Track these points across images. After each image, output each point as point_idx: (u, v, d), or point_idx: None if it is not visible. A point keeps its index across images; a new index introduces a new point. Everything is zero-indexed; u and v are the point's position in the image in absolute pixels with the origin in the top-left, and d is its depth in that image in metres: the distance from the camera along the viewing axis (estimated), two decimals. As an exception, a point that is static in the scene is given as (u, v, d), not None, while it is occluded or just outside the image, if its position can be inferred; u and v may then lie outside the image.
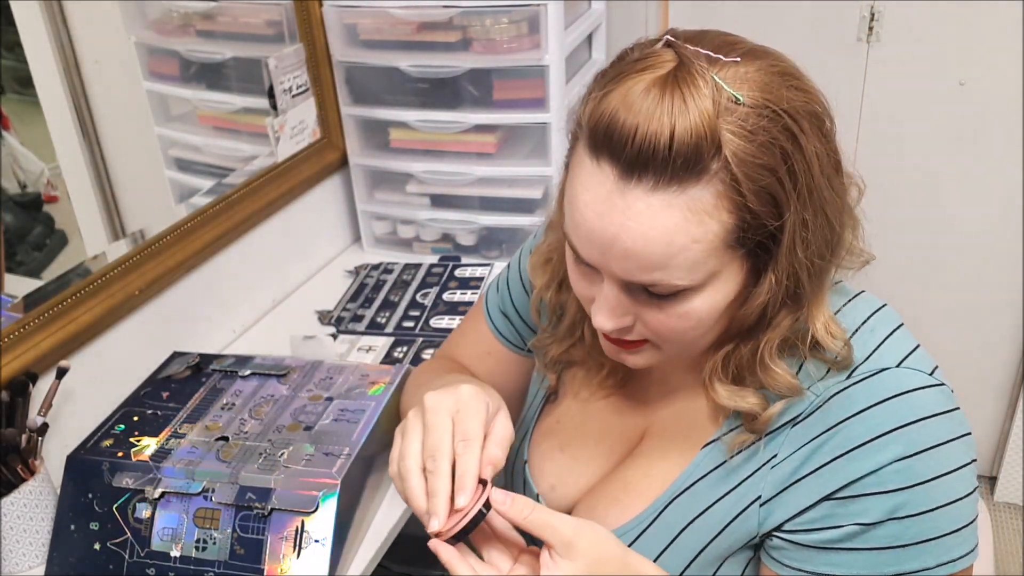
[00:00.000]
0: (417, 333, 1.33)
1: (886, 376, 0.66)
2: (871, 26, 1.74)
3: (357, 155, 1.55)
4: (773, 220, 0.60)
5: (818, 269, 0.65)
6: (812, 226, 0.62)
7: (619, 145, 0.58)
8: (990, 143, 1.76)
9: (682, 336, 0.66)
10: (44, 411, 0.95)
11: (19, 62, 0.97)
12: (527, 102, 1.41)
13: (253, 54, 1.36)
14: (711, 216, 0.59)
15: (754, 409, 0.68)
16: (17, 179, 0.99)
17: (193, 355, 1.08)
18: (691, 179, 0.58)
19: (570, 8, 1.46)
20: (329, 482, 0.84)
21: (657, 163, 0.57)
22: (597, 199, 0.61)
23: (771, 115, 0.59)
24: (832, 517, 0.65)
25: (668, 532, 0.73)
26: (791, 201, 0.60)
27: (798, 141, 0.60)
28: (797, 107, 0.60)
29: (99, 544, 0.88)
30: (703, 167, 0.58)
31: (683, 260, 0.60)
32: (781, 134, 0.59)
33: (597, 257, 0.63)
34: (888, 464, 0.63)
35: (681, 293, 0.63)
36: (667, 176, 0.58)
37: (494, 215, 1.51)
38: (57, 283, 1.04)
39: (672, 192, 0.58)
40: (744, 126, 0.58)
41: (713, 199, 0.59)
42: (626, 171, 0.59)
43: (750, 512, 0.69)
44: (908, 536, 0.64)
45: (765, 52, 0.63)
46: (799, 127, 0.60)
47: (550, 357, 0.85)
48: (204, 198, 1.28)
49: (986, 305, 1.90)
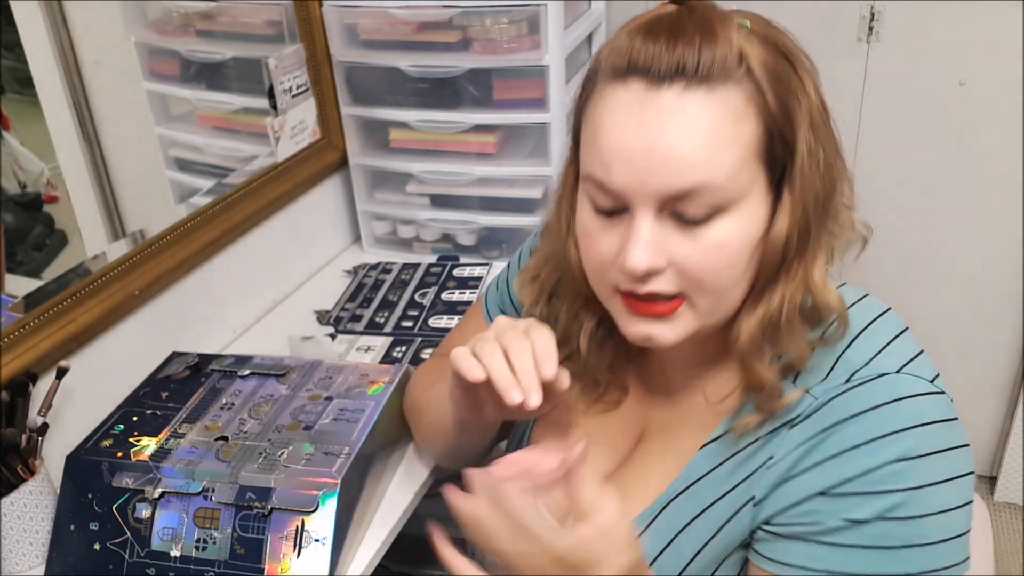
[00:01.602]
0: (416, 333, 1.33)
1: (886, 381, 0.65)
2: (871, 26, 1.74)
3: (357, 155, 1.55)
4: (789, 132, 0.64)
5: (826, 208, 0.66)
6: (819, 156, 0.65)
7: (648, 59, 0.62)
8: (990, 143, 1.75)
9: (718, 277, 0.64)
10: (44, 411, 0.95)
11: (19, 62, 0.97)
12: (527, 102, 1.41)
13: (253, 54, 1.36)
14: (743, 119, 0.62)
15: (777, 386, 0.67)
16: (17, 179, 0.99)
17: (192, 355, 1.08)
18: (719, 81, 0.61)
19: (570, 8, 1.46)
20: (329, 481, 0.84)
21: (687, 69, 0.61)
22: (629, 113, 0.63)
23: (775, 44, 0.65)
24: (821, 512, 0.65)
25: (666, 534, 0.72)
26: (803, 121, 0.64)
27: (798, 71, 0.65)
28: (788, 45, 0.66)
29: (99, 544, 0.88)
30: (729, 71, 0.62)
31: (723, 160, 0.62)
32: (785, 62, 0.64)
33: (632, 175, 0.63)
34: (885, 464, 0.63)
35: (715, 217, 0.63)
36: (697, 79, 0.61)
37: (494, 215, 1.51)
38: (57, 283, 1.04)
39: (704, 92, 0.61)
40: (758, 46, 0.63)
41: (742, 101, 0.62)
42: (655, 81, 0.62)
43: (743, 513, 0.69)
44: (896, 538, 0.63)
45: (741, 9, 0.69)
46: (796, 58, 0.65)
47: None
48: (204, 198, 1.28)
49: (986, 305, 1.90)
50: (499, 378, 0.67)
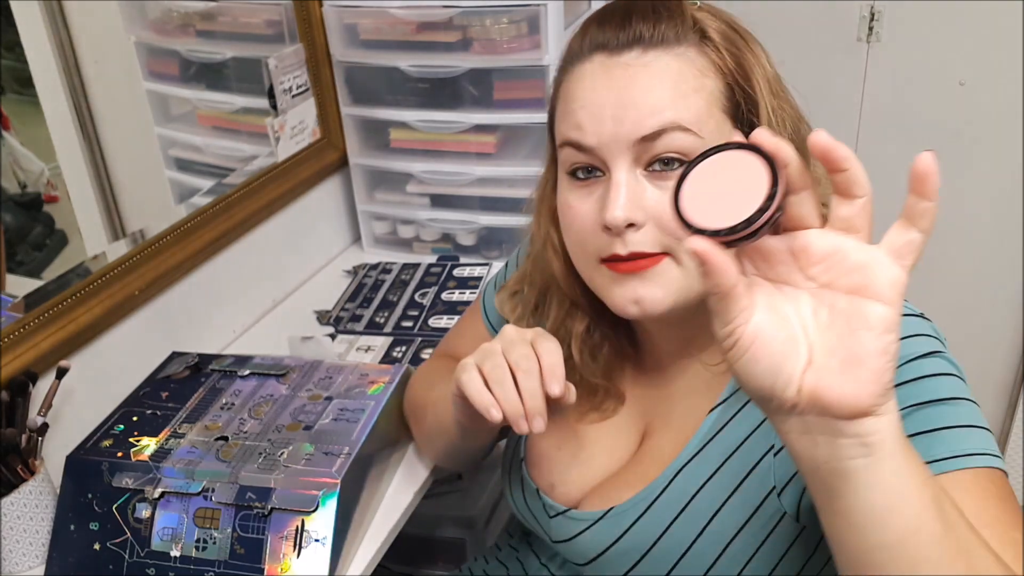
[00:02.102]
0: (416, 333, 1.33)
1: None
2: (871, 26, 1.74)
3: (357, 155, 1.55)
4: (750, 89, 0.68)
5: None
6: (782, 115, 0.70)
7: (604, 38, 0.67)
8: (990, 143, 1.76)
9: None
10: (44, 411, 0.95)
11: (19, 62, 0.97)
12: (527, 102, 1.41)
13: (253, 54, 1.36)
14: (703, 74, 0.67)
15: None
16: (17, 179, 0.99)
17: (192, 355, 1.08)
18: (676, 44, 0.67)
19: (570, 8, 1.46)
20: (329, 481, 0.84)
21: (643, 37, 0.67)
22: (595, 76, 0.67)
23: (723, 17, 0.70)
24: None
25: (681, 498, 0.72)
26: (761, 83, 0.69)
27: (747, 42, 0.70)
28: (735, 22, 0.71)
29: (99, 544, 0.88)
30: (685, 35, 0.67)
31: (690, 103, 0.66)
32: (733, 33, 0.70)
33: (603, 126, 0.66)
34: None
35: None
36: (654, 43, 0.66)
37: (494, 215, 1.51)
38: (57, 283, 1.04)
39: (663, 51, 0.67)
40: (711, 18, 0.69)
41: (700, 59, 0.67)
42: (615, 50, 0.67)
43: (764, 463, 0.68)
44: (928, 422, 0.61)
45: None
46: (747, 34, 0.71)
47: None
48: (204, 198, 1.28)
49: (986, 304, 1.90)
50: (509, 409, 0.67)
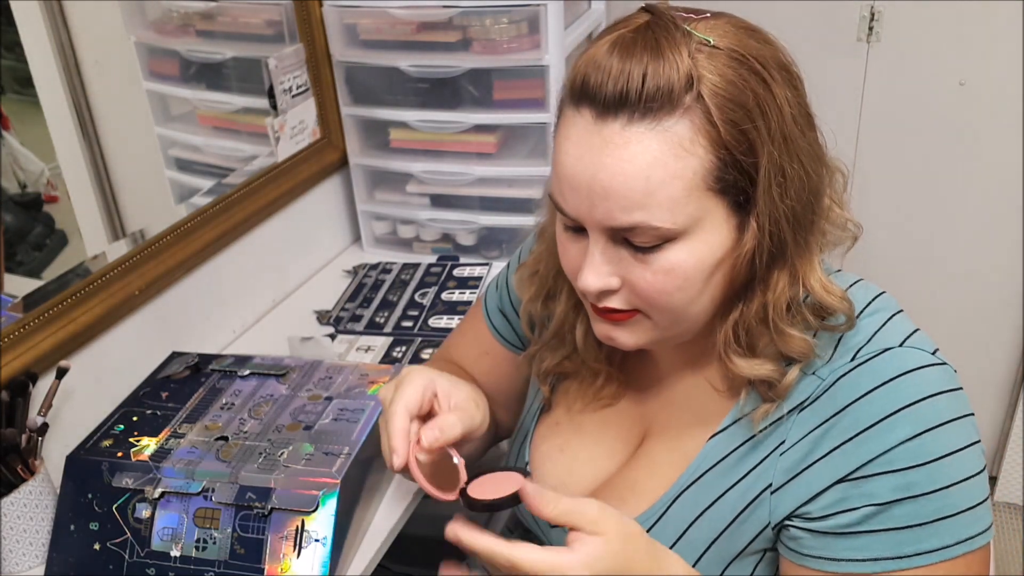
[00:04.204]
0: (416, 333, 1.33)
1: (890, 356, 0.66)
2: (871, 26, 1.74)
3: (357, 155, 1.55)
4: (748, 158, 0.62)
5: (802, 221, 0.65)
6: (789, 173, 0.63)
7: (596, 88, 0.61)
8: (990, 143, 1.76)
9: (670, 298, 0.65)
10: (44, 411, 0.95)
11: (19, 62, 0.97)
12: (527, 102, 1.41)
13: (253, 54, 1.36)
14: (688, 151, 0.61)
15: (772, 376, 0.68)
16: (17, 179, 0.99)
17: (192, 355, 1.08)
18: (665, 112, 0.60)
19: (570, 8, 1.46)
20: (329, 481, 0.84)
21: (631, 100, 0.60)
22: (578, 142, 0.63)
23: (740, 58, 0.62)
24: (846, 500, 0.65)
25: (678, 525, 0.72)
26: (765, 143, 0.62)
27: (768, 85, 0.62)
28: (765, 55, 0.63)
29: (99, 544, 0.88)
30: (677, 100, 0.60)
31: (664, 198, 0.61)
32: (751, 76, 0.62)
33: (579, 204, 0.64)
34: (899, 444, 0.63)
35: (665, 245, 0.63)
36: (640, 110, 0.60)
37: (494, 215, 1.52)
38: (57, 283, 1.04)
39: (646, 124, 0.61)
40: (716, 65, 0.61)
41: (690, 133, 0.61)
42: (602, 111, 0.62)
43: (761, 501, 0.69)
44: (924, 514, 0.64)
45: (730, 14, 0.67)
46: (768, 73, 0.63)
47: (544, 368, 0.85)
48: (204, 198, 1.28)
49: (986, 305, 1.90)
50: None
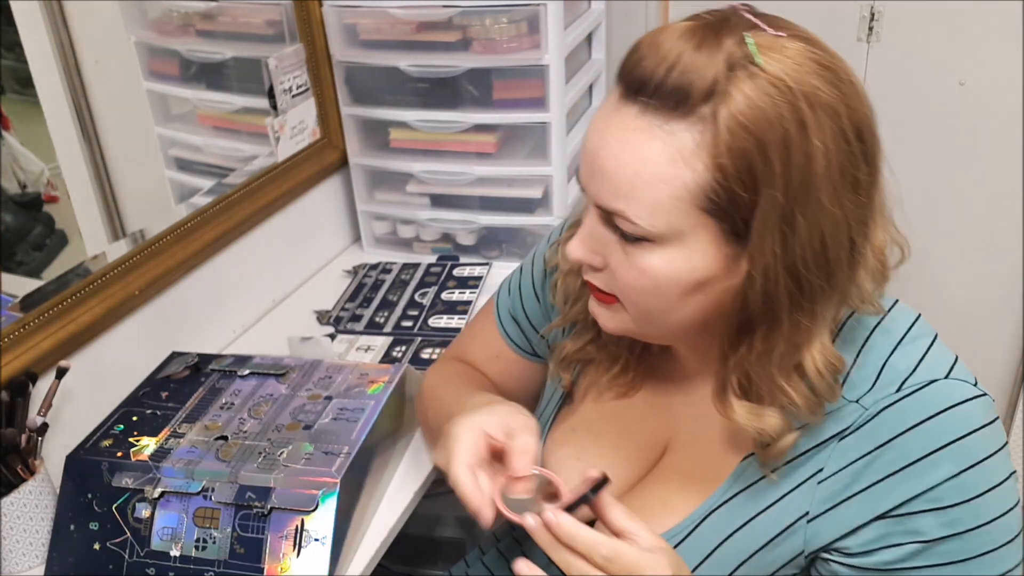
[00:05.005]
0: (416, 333, 1.33)
1: (937, 388, 0.65)
2: (871, 26, 1.74)
3: (357, 155, 1.55)
4: (746, 193, 0.58)
5: (805, 285, 0.60)
6: (799, 228, 0.58)
7: (628, 68, 0.61)
8: (990, 143, 1.75)
9: (639, 298, 0.65)
10: (44, 411, 0.95)
11: (19, 62, 0.97)
12: (527, 102, 1.41)
13: (253, 54, 1.36)
14: (685, 162, 0.58)
15: (770, 433, 0.65)
16: (17, 179, 0.99)
17: (192, 355, 1.08)
18: (677, 116, 0.59)
19: (570, 8, 1.46)
20: (329, 481, 0.84)
21: (650, 89, 0.59)
22: (601, 116, 0.64)
23: (785, 90, 0.57)
24: (890, 536, 0.64)
25: (707, 544, 0.71)
26: (772, 185, 0.57)
27: (805, 129, 0.57)
28: (820, 97, 0.57)
29: (99, 544, 0.88)
30: (690, 107, 0.58)
31: (647, 197, 0.60)
32: (789, 113, 0.56)
33: (585, 174, 0.65)
34: (944, 481, 0.63)
35: (646, 244, 0.62)
36: (655, 104, 0.59)
37: (494, 215, 1.51)
38: (57, 283, 1.04)
39: (655, 121, 0.59)
40: (752, 88, 0.56)
41: (693, 145, 0.58)
42: (626, 92, 0.61)
43: (797, 528, 0.67)
44: (968, 550, 0.63)
45: (818, 42, 0.61)
46: (812, 115, 0.57)
47: (565, 354, 0.84)
48: (204, 198, 1.28)
49: (986, 305, 1.90)
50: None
